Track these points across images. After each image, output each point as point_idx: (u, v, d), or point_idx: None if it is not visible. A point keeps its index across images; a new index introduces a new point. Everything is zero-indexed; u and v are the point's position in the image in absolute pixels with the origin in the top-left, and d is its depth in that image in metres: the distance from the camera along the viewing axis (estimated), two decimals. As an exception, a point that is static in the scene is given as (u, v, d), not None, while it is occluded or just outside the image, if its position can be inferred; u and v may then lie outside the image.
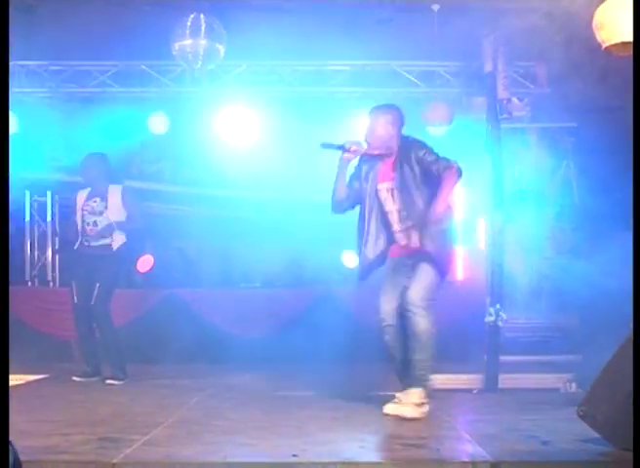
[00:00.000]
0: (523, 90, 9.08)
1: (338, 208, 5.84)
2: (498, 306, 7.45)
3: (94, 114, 9.64)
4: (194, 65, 8.39)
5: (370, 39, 9.06)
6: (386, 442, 4.66)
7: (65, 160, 9.67)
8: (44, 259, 11.30)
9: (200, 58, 8.27)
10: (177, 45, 8.26)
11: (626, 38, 5.79)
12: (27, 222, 11.25)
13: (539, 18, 7.04)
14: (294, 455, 4.12)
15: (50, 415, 5.68)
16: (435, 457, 4.16)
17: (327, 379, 7.37)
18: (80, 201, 7.80)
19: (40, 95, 9.52)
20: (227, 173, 10.94)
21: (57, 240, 11.24)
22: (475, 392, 7.19)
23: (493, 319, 7.42)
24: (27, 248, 11.27)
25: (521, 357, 8.00)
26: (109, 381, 7.46)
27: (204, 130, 10.16)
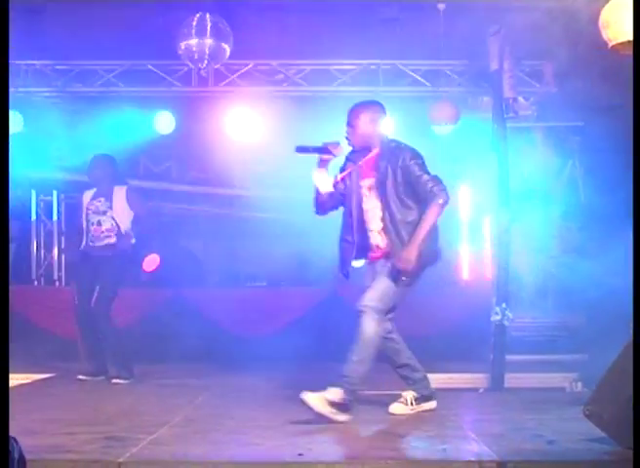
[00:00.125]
0: (529, 89, 9.08)
1: (320, 209, 5.71)
2: (504, 305, 7.45)
3: (100, 114, 9.65)
4: (200, 65, 8.41)
5: (376, 38, 9.07)
6: (392, 441, 4.66)
7: (71, 159, 9.67)
8: (50, 258, 11.32)
9: (206, 57, 8.28)
10: (183, 44, 8.27)
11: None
12: (33, 222, 11.26)
13: (544, 16, 7.03)
14: (299, 454, 4.12)
15: (56, 414, 5.68)
16: (441, 457, 4.16)
17: (333, 379, 7.35)
18: (85, 201, 7.83)
19: (46, 94, 9.53)
20: (233, 172, 10.95)
21: (62, 239, 11.25)
22: (481, 391, 7.19)
23: (499, 318, 7.42)
24: (33, 247, 11.28)
25: (527, 356, 8.01)
26: (115, 380, 7.46)
27: (210, 129, 10.16)
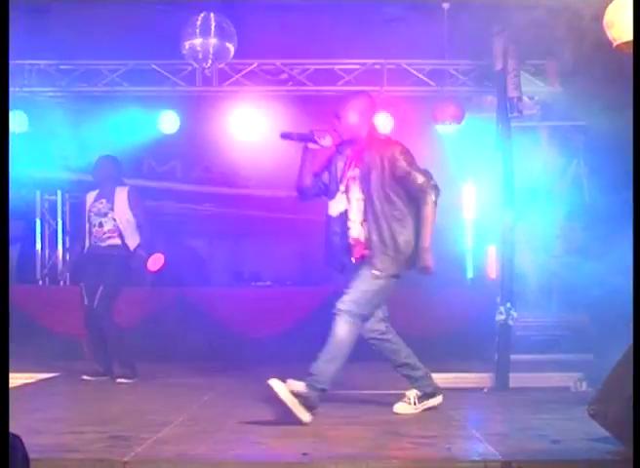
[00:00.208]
0: (533, 88, 9.07)
1: (302, 194, 5.72)
2: (508, 305, 7.45)
3: (104, 113, 9.66)
4: (204, 64, 8.41)
5: (380, 38, 9.07)
6: (397, 440, 4.66)
7: (76, 159, 9.69)
8: (55, 258, 11.33)
9: (210, 56, 8.28)
10: (187, 44, 8.27)
11: (638, 36, 5.78)
12: (38, 221, 11.27)
13: (549, 16, 7.03)
14: (304, 454, 4.12)
15: (61, 414, 5.69)
16: (446, 456, 4.16)
17: (338, 378, 7.36)
18: (88, 202, 7.85)
19: (50, 94, 9.52)
20: (238, 171, 10.95)
21: (67, 239, 11.26)
22: (486, 391, 7.19)
23: (503, 317, 7.42)
24: (38, 247, 11.29)
25: (531, 356, 8.01)
26: (120, 380, 7.47)
27: (214, 128, 10.16)
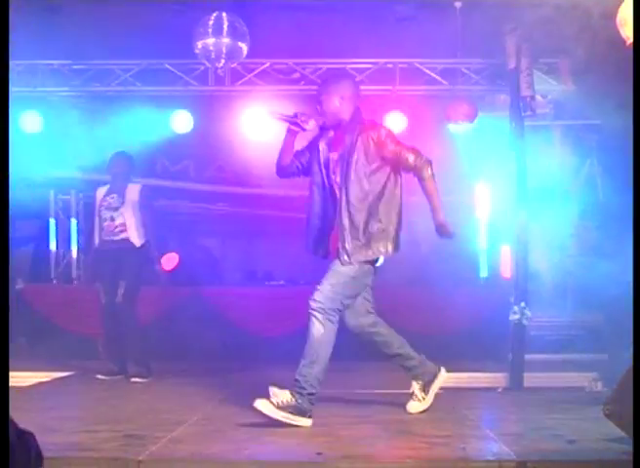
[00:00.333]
0: (546, 87, 9.04)
1: (281, 172, 5.71)
2: (522, 304, 7.42)
3: (117, 113, 9.67)
4: (217, 64, 8.42)
5: (392, 36, 9.07)
6: (411, 440, 4.65)
7: (89, 159, 9.70)
8: (69, 257, 11.36)
9: (223, 56, 8.29)
10: (199, 43, 8.29)
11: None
12: (52, 221, 11.30)
13: (561, 14, 7.00)
14: (318, 453, 4.13)
15: (75, 412, 5.72)
16: (460, 456, 4.15)
17: (351, 377, 7.35)
18: (99, 197, 7.87)
19: (64, 94, 9.55)
20: (251, 171, 10.94)
21: (81, 238, 11.29)
22: (500, 390, 7.16)
23: (517, 317, 7.39)
24: (52, 246, 11.32)
25: (546, 355, 7.98)
26: (134, 379, 7.48)
27: (228, 128, 10.17)
